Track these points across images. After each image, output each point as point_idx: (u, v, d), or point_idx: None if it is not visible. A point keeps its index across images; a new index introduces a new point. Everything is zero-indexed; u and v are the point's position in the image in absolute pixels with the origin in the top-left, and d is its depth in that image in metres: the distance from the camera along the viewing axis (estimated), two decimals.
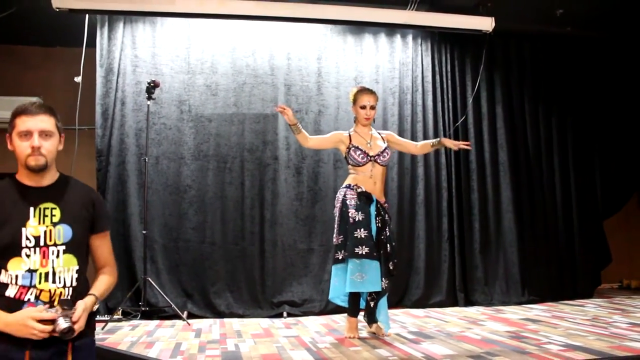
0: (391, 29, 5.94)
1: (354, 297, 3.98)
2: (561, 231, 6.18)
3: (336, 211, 4.01)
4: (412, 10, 5.64)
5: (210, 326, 4.65)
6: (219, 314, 5.15)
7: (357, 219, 3.88)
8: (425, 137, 5.85)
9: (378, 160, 4.05)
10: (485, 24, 5.59)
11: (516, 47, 6.38)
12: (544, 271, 5.98)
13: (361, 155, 4.02)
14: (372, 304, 3.98)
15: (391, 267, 3.96)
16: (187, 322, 4.74)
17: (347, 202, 3.96)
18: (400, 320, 4.68)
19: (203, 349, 3.66)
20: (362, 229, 3.84)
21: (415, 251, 5.70)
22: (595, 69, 6.51)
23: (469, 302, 5.68)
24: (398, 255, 4.46)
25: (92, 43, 5.45)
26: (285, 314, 5.18)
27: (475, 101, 6.09)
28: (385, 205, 4.12)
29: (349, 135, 4.13)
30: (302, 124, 5.57)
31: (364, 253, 3.78)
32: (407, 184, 5.80)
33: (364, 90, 4.16)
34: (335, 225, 4.02)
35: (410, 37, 6.05)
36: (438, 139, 4.27)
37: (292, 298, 5.34)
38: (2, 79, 5.96)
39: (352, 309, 4.02)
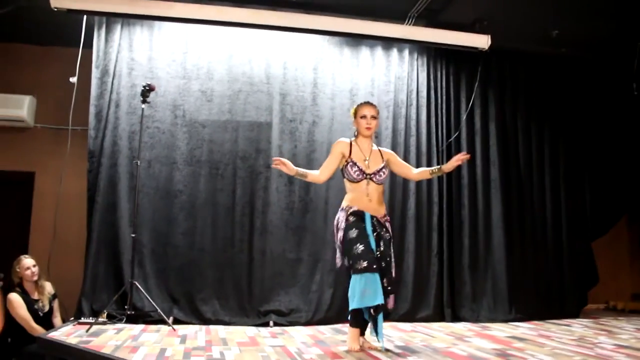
0: (388, 42, 5.96)
1: (356, 310, 3.94)
2: (550, 250, 6.21)
3: (339, 237, 3.99)
4: (410, 25, 5.70)
5: (195, 332, 4.62)
6: (205, 321, 5.11)
7: (352, 237, 3.86)
8: (418, 152, 5.90)
9: (374, 179, 3.99)
10: (481, 41, 5.65)
11: (511, 65, 6.43)
12: (531, 289, 5.99)
13: (357, 172, 3.97)
14: (371, 318, 3.92)
15: (385, 284, 3.92)
16: (173, 328, 4.70)
17: (343, 224, 3.95)
18: (387, 334, 4.66)
19: (188, 356, 3.63)
20: (358, 244, 3.81)
21: (404, 265, 5.68)
22: (588, 90, 6.57)
23: (456, 318, 5.68)
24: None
25: (89, 44, 5.45)
26: (271, 323, 5.15)
27: (468, 117, 6.13)
28: (385, 219, 4.06)
29: (350, 145, 4.07)
30: (296, 134, 5.63)
31: (363, 267, 3.75)
32: (398, 198, 5.80)
33: (364, 103, 4.15)
34: (338, 249, 4.00)
35: (406, 52, 6.08)
36: (439, 166, 4.17)
37: (279, 307, 5.31)
38: None
39: (353, 321, 3.97)
